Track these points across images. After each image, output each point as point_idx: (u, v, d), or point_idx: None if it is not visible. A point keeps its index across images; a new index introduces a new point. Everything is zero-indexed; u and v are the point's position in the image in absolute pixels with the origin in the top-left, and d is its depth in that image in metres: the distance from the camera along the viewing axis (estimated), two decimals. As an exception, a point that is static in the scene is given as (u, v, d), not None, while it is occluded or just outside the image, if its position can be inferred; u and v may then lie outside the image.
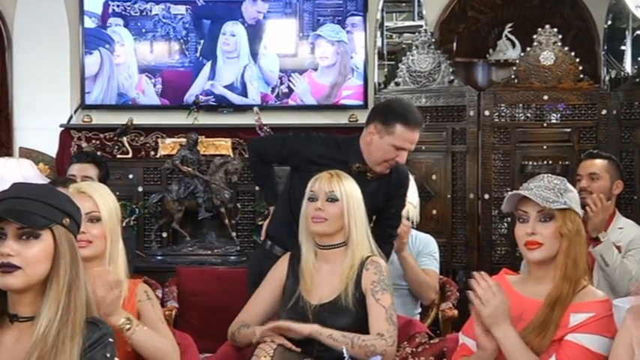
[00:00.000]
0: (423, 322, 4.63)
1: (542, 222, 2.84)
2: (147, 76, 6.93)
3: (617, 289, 4.31)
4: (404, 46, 7.28)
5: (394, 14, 8.38)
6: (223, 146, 6.66)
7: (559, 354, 2.72)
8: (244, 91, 6.92)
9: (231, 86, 6.94)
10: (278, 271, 3.69)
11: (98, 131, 6.75)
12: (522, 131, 6.07)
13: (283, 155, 4.48)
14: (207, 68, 6.92)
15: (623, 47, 7.42)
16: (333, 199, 3.53)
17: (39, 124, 6.83)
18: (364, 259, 3.53)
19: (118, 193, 3.48)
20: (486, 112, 6.08)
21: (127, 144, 6.64)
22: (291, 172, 4.39)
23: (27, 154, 6.51)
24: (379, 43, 7.28)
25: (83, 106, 6.88)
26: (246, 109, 6.83)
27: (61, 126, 6.76)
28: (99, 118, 6.87)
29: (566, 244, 2.82)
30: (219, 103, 6.91)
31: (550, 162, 6.01)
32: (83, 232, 3.00)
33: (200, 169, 6.21)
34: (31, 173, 5.31)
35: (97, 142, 6.71)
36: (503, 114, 6.11)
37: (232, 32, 6.91)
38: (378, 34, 7.26)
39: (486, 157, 6.13)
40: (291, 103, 6.95)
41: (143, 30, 6.92)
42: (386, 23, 7.68)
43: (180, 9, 6.91)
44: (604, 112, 5.94)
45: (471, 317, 2.88)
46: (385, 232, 4.35)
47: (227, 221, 6.23)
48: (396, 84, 6.43)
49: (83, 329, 2.25)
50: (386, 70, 7.27)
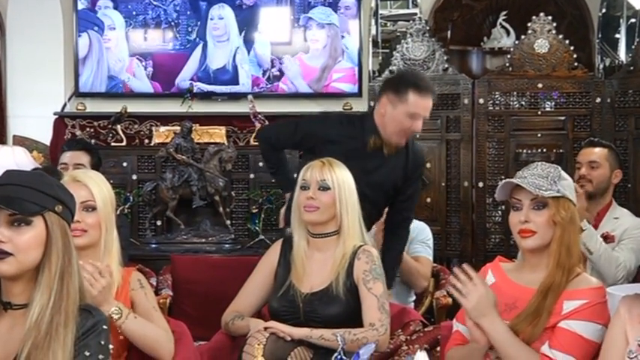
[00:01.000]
0: (417, 310, 4.64)
1: (535, 210, 2.85)
2: (137, 59, 6.90)
3: (605, 277, 4.32)
4: (398, 34, 7.27)
5: (389, 2, 8.37)
6: (217, 134, 6.65)
7: (552, 341, 2.73)
8: (235, 75, 6.91)
9: (222, 69, 6.92)
10: (270, 258, 3.69)
11: (92, 119, 6.74)
12: (517, 119, 6.07)
13: (297, 139, 4.48)
14: (198, 52, 6.90)
15: (617, 35, 7.40)
16: (324, 188, 3.52)
17: (33, 111, 6.80)
18: (356, 248, 3.52)
19: (112, 181, 3.47)
20: (481, 100, 6.08)
21: (121, 132, 6.62)
22: (306, 156, 4.36)
23: (21, 142, 6.49)
24: (374, 31, 7.26)
25: (77, 93, 6.87)
26: (240, 97, 6.82)
27: (54, 114, 6.75)
28: (93, 106, 6.86)
29: (560, 232, 2.83)
30: (211, 86, 6.89)
31: (544, 150, 6.02)
32: (78, 221, 3.01)
33: (194, 157, 6.20)
34: (25, 161, 5.29)
35: (91, 130, 6.70)
36: (498, 102, 6.11)
37: (220, 15, 6.89)
38: (373, 22, 7.24)
39: (481, 145, 6.14)
40: (282, 86, 6.94)
41: (134, 13, 6.88)
42: (380, 11, 7.65)
43: (171, -9, 6.89)
44: (598, 100, 5.95)
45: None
46: (401, 216, 4.39)
47: (221, 209, 6.23)
48: (391, 72, 6.40)
49: (77, 316, 2.25)
50: (380, 58, 7.26)
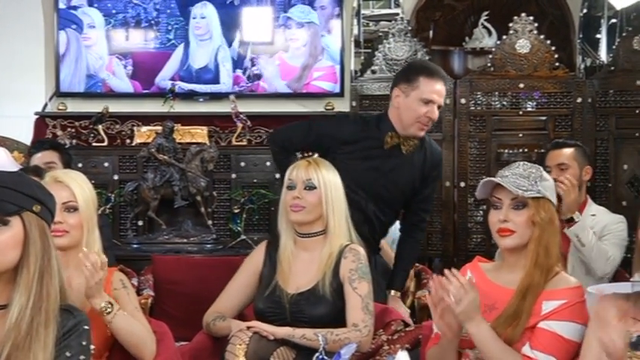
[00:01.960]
0: (399, 309, 4.64)
1: (515, 209, 2.86)
2: (117, 58, 6.88)
3: (594, 270, 4.34)
4: (380, 34, 7.28)
5: (371, 2, 8.38)
6: (199, 134, 6.63)
7: (532, 341, 2.74)
8: (217, 74, 6.90)
9: (204, 69, 6.91)
10: (254, 259, 3.68)
11: (73, 119, 6.71)
12: (498, 119, 6.08)
13: (310, 140, 4.45)
14: (179, 50, 6.88)
15: (598, 35, 7.44)
16: (310, 187, 3.51)
17: (13, 111, 6.76)
18: (343, 246, 3.52)
19: (93, 182, 3.45)
20: (462, 100, 6.08)
21: (102, 132, 6.60)
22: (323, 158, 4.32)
23: (1, 142, 6.45)
24: (356, 31, 7.27)
25: (58, 93, 6.84)
26: (222, 97, 6.81)
27: (35, 114, 6.72)
28: (74, 106, 6.83)
29: (538, 232, 2.84)
30: (193, 85, 6.88)
31: (526, 150, 6.03)
32: (60, 221, 3.01)
33: (176, 157, 6.19)
34: (5, 161, 5.28)
35: (72, 130, 6.67)
36: (479, 102, 6.12)
37: (202, 14, 6.88)
38: (355, 21, 7.25)
39: (462, 145, 6.14)
40: (262, 85, 6.93)
41: (113, 11, 6.85)
42: (363, 11, 7.66)
43: (151, -10, 6.87)
44: (579, 100, 5.97)
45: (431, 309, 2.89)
46: (418, 217, 4.42)
47: (203, 209, 6.21)
48: (373, 72, 6.42)
49: (57, 317, 2.24)
50: (362, 58, 7.26)
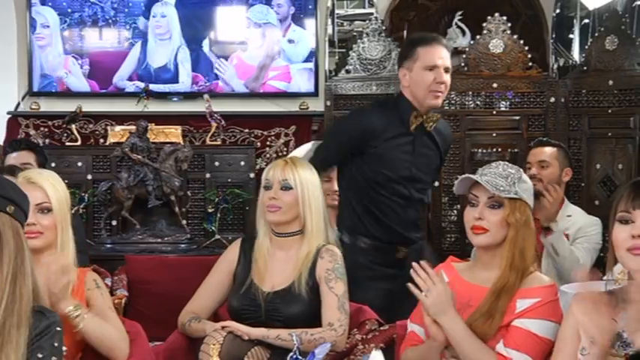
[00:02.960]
0: (373, 309, 4.64)
1: (490, 208, 2.87)
2: (73, 57, 6.87)
3: (566, 277, 4.36)
4: (355, 33, 7.30)
5: (345, 2, 8.39)
6: (173, 134, 6.62)
7: (506, 339, 2.75)
8: (176, 73, 6.90)
9: (163, 68, 6.90)
10: (228, 258, 3.66)
11: (46, 119, 6.69)
12: (472, 119, 6.10)
13: (345, 151, 4.24)
14: (137, 49, 6.87)
15: (571, 35, 7.48)
16: (287, 188, 3.50)
17: (-15, 111, 6.74)
18: (319, 247, 3.52)
19: (66, 181, 3.44)
20: (437, 100, 6.09)
21: (75, 132, 6.58)
22: (351, 160, 4.24)
23: (-27, 141, 6.44)
24: (330, 31, 7.28)
25: (31, 93, 6.81)
26: (196, 96, 6.81)
27: (8, 113, 6.68)
28: (47, 106, 6.81)
29: (513, 233, 2.85)
30: (148, 84, 6.87)
31: (499, 149, 6.04)
32: (33, 223, 3.00)
33: (150, 157, 6.18)
34: (-22, 161, 5.25)
35: (46, 130, 6.65)
36: (454, 101, 6.13)
37: (162, 13, 6.88)
38: (329, 21, 7.25)
39: (437, 145, 6.15)
40: (220, 85, 6.95)
41: (69, 10, 6.84)
42: (337, 11, 7.67)
43: (108, -12, 6.84)
44: (552, 99, 5.99)
45: (419, 304, 2.89)
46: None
47: (177, 209, 6.21)
48: (347, 71, 6.42)
49: (30, 318, 2.23)
50: (337, 57, 7.28)
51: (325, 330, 3.35)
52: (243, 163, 6.50)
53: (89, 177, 6.45)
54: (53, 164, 6.11)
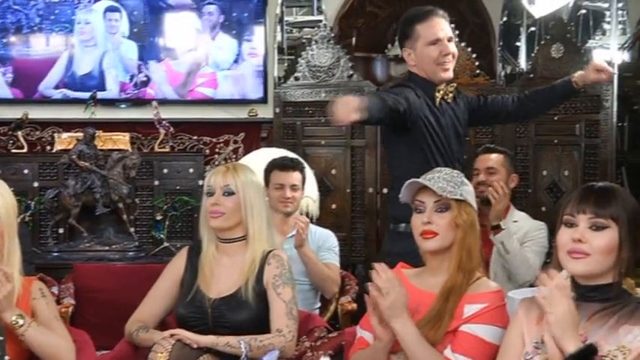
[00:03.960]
0: (322, 316, 4.65)
1: (438, 212, 2.89)
2: (-5, 64, 6.80)
3: (517, 277, 4.41)
4: (304, 40, 7.30)
5: (294, 9, 8.39)
6: (121, 141, 6.58)
7: (454, 344, 2.76)
8: (102, 80, 6.85)
9: (89, 75, 6.85)
10: (175, 265, 3.65)
11: (-9, 125, 6.62)
12: (420, 126, 6.12)
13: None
14: (64, 57, 6.81)
15: (518, 43, 7.56)
16: (229, 193, 3.49)
17: None
18: (266, 253, 3.51)
19: (12, 189, 3.39)
20: (385, 107, 6.10)
21: (21, 138, 6.51)
22: (398, 141, 4.04)
23: None
24: (279, 38, 7.28)
25: (-25, 99, 6.74)
26: (144, 103, 6.77)
27: (-49, 120, 6.61)
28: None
29: (461, 234, 2.87)
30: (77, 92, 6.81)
31: (447, 156, 6.07)
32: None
33: (98, 164, 6.13)
34: None
35: (-10, 137, 6.58)
36: (402, 109, 6.15)
37: (87, 20, 6.82)
38: (278, 28, 7.25)
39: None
40: (149, 91, 6.91)
41: (-9, 17, 6.76)
42: (286, 18, 7.67)
43: (33, -4, 6.78)
44: (499, 107, 6.03)
45: (368, 311, 2.89)
46: (505, 103, 4.27)
47: (125, 217, 6.17)
48: (296, 78, 6.44)
49: (-27, 328, 2.20)
50: (286, 64, 7.28)
51: (274, 336, 3.35)
52: (191, 171, 6.47)
53: (36, 184, 6.39)
54: (-1, 171, 6.05)
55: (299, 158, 5.03)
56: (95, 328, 4.26)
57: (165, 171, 6.47)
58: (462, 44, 6.15)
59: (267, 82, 6.90)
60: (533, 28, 7.41)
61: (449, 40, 4.00)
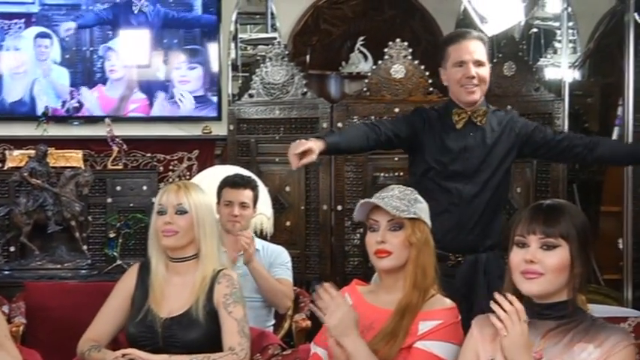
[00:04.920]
0: (276, 333, 4.64)
1: (392, 231, 2.89)
2: None
3: None
4: (258, 57, 7.31)
5: (248, 26, 8.40)
6: (74, 158, 6.53)
7: (408, 361, 2.77)
8: (33, 107, 6.80)
9: (19, 102, 6.80)
10: (126, 283, 3.63)
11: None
12: (374, 143, 6.14)
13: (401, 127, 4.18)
14: None
15: (470, 61, 7.61)
16: (182, 212, 3.48)
17: None
18: (216, 272, 3.50)
19: (-37, 207, 3.38)
20: (339, 124, 6.13)
21: (-28, 156, 6.45)
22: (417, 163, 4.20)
23: None
24: (233, 55, 7.29)
25: None
26: (97, 120, 6.73)
27: None
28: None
29: (415, 253, 2.88)
30: (48, 107, 6.76)
31: (401, 173, 6.10)
32: None
33: (50, 182, 6.07)
34: None
35: (-60, 155, 6.50)
36: (356, 126, 6.17)
37: (16, 46, 6.78)
38: (232, 45, 7.26)
39: (339, 169, 6.19)
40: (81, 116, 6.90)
41: None
42: (240, 35, 7.68)
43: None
44: (452, 124, 6.08)
45: (323, 327, 2.89)
46: (569, 143, 4.08)
47: (78, 234, 6.11)
48: (250, 96, 6.44)
49: None
50: (240, 81, 7.28)
51: (227, 354, 3.34)
52: (145, 188, 6.44)
53: (-14, 202, 6.32)
54: (-51, 189, 5.98)
55: (252, 176, 5.02)
56: (47, 347, 4.23)
57: (118, 188, 6.42)
58: (415, 62, 6.19)
59: (222, 100, 6.89)
60: (485, 47, 7.48)
61: (477, 63, 4.02)
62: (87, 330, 3.58)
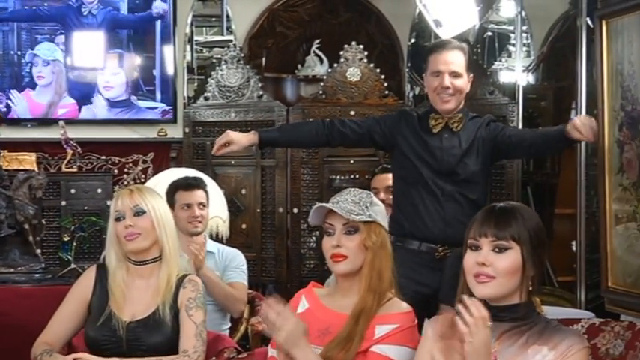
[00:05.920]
0: (232, 337, 4.62)
1: (347, 234, 2.89)
2: None
3: None
4: (214, 60, 7.30)
5: (204, 28, 8.39)
6: (27, 161, 6.47)
7: (365, 365, 2.77)
8: None
9: None
10: (82, 286, 3.59)
11: None
12: (330, 146, 6.16)
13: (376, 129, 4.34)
14: None
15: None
16: (140, 213, 3.46)
17: None
18: (181, 277, 3.49)
19: None
20: (295, 127, 6.13)
21: None
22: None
23: None
24: (188, 57, 7.27)
25: None
26: (51, 123, 6.68)
27: None
28: None
29: (371, 256, 2.88)
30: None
31: (357, 176, 6.13)
32: None
33: (2, 185, 6.00)
34: None
35: None
36: (311, 129, 6.18)
37: None
38: (188, 48, 7.24)
39: (295, 172, 6.21)
40: None
41: None
42: (195, 37, 7.66)
43: None
44: (406, 127, 6.10)
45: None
46: (519, 138, 4.20)
47: (31, 238, 6.04)
48: (206, 98, 6.43)
49: None
50: (196, 84, 7.26)
51: (179, 357, 3.34)
52: (100, 191, 6.40)
53: (-62, 206, 6.24)
54: None
55: (200, 176, 5.02)
56: (1, 352, 4.19)
57: (72, 191, 6.38)
58: (371, 65, 6.22)
59: (177, 102, 6.87)
60: (440, 50, 7.51)
61: (454, 74, 4.12)
62: (42, 333, 3.54)
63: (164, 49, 6.91)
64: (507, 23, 7.66)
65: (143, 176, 6.75)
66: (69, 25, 6.86)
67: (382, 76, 6.22)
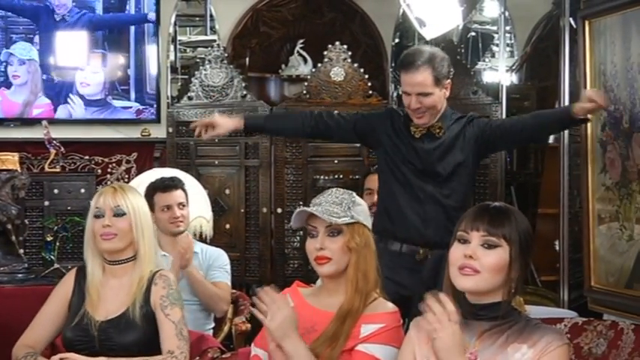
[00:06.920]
0: (216, 336, 4.63)
1: (330, 237, 2.88)
2: None
3: None
4: (197, 60, 7.30)
5: (188, 28, 8.39)
6: (10, 161, 6.41)
7: (350, 364, 2.77)
8: None
9: None
10: (63, 287, 3.58)
11: None
12: (314, 146, 6.16)
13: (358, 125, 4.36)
14: None
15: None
16: (120, 214, 3.45)
17: None
18: (152, 273, 3.48)
19: None
20: (279, 127, 6.13)
21: None
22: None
23: None
24: (172, 57, 7.26)
25: None
26: (34, 122, 6.66)
27: None
28: None
29: (355, 257, 2.87)
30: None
31: (341, 176, 6.13)
32: None
33: (-15, 185, 5.99)
34: None
35: None
36: (295, 128, 6.18)
37: None
38: (172, 47, 7.23)
39: (279, 172, 6.20)
40: None
41: None
42: (179, 37, 7.66)
43: None
44: (393, 127, 6.11)
45: (263, 329, 2.88)
46: (509, 125, 4.24)
47: (14, 238, 6.01)
48: (189, 98, 6.42)
49: None
50: (179, 84, 7.25)
51: (165, 358, 3.32)
52: (83, 191, 6.38)
53: None
54: None
55: (177, 176, 5.01)
56: (-18, 353, 4.17)
57: (55, 191, 6.36)
58: (355, 65, 6.22)
59: (161, 102, 6.86)
60: (424, 50, 7.52)
61: (422, 95, 4.06)
62: (22, 335, 3.53)
63: (139, 49, 6.90)
64: (491, 23, 7.68)
65: (126, 176, 6.74)
66: (45, 24, 6.83)
67: (366, 76, 6.23)
